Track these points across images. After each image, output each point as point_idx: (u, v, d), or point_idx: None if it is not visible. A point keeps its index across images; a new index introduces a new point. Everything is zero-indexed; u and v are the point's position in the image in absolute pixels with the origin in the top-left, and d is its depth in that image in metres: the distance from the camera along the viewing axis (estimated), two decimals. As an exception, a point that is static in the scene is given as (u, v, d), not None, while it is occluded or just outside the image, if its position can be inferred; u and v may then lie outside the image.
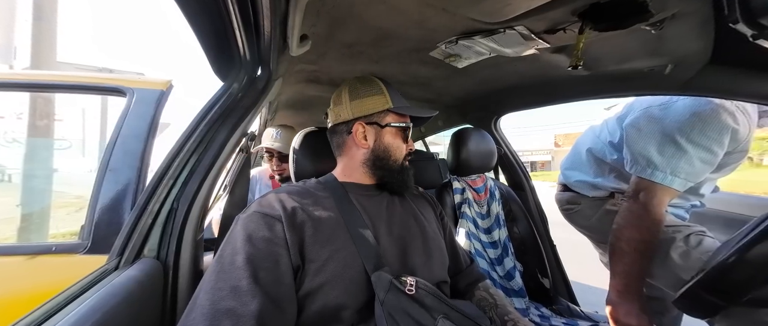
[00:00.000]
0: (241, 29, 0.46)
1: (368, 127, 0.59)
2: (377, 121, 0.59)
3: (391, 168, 0.60)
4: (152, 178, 0.55)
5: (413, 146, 0.65)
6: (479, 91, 1.15)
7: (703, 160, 0.70)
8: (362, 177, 0.61)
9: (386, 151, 0.59)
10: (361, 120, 0.59)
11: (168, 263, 0.53)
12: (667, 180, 0.70)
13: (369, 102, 0.59)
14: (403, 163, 0.62)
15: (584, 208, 1.01)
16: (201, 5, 0.42)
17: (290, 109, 1.47)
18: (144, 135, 0.72)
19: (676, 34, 0.61)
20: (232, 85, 0.62)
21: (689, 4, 0.51)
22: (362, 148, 0.60)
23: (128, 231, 0.52)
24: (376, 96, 0.59)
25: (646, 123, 0.77)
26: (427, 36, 0.69)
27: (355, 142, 0.60)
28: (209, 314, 0.37)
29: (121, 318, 0.41)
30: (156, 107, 0.74)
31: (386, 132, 0.60)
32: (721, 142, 0.69)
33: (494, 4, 0.54)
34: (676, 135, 0.70)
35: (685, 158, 0.69)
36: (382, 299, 0.43)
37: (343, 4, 0.54)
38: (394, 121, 0.60)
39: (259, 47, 0.55)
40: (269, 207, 0.48)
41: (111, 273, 0.48)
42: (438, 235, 0.62)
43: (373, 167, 0.60)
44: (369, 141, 0.59)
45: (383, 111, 0.59)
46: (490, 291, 0.63)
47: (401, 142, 0.61)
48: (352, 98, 0.60)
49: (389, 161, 0.59)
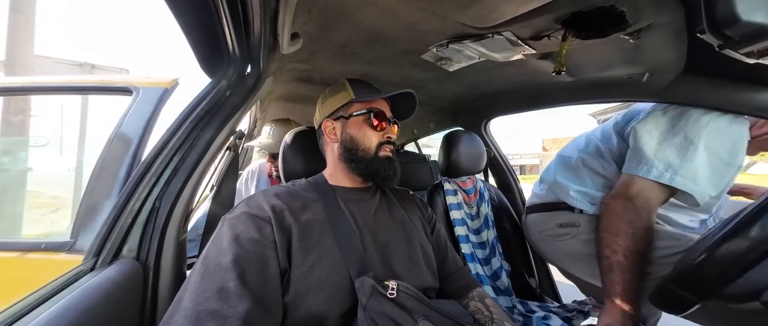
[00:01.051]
0: (230, 25, 0.46)
1: (335, 122, 0.62)
2: (342, 115, 0.61)
3: (364, 158, 0.58)
4: (133, 176, 0.53)
5: (392, 133, 0.62)
6: (469, 94, 1.18)
7: (713, 167, 0.64)
8: (346, 177, 0.61)
9: (352, 141, 0.59)
10: (329, 117, 0.62)
11: (148, 264, 0.51)
12: (665, 178, 0.64)
13: (333, 100, 0.62)
14: (377, 151, 0.59)
15: (584, 230, 0.80)
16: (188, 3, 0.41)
17: (282, 108, 1.46)
18: (141, 133, 0.70)
19: (652, 44, 0.65)
20: (220, 81, 0.61)
21: (663, 15, 0.54)
22: (334, 143, 0.62)
23: (106, 230, 0.50)
24: (341, 93, 0.61)
25: (656, 124, 0.71)
26: (418, 38, 0.71)
27: (328, 140, 0.62)
28: (192, 316, 0.36)
29: (97, 321, 0.39)
30: (156, 105, 0.72)
31: (350, 122, 0.60)
32: (735, 151, 0.64)
33: (482, 10, 0.56)
34: (691, 137, 0.65)
35: (696, 159, 0.63)
36: (365, 304, 0.43)
37: (335, 4, 0.55)
38: (357, 109, 0.60)
39: (249, 44, 0.54)
40: (258, 208, 0.47)
41: (86, 274, 0.46)
42: (425, 241, 0.62)
43: (347, 161, 0.59)
44: (337, 134, 0.61)
45: (346, 103, 0.60)
46: (486, 302, 0.58)
47: (368, 128, 0.59)
48: (322, 102, 0.64)
49: (358, 151, 0.58)
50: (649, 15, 0.54)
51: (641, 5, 0.52)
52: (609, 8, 0.54)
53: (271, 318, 0.41)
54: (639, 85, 0.85)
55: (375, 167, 0.58)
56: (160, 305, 0.51)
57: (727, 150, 0.65)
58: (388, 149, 0.61)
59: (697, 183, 0.64)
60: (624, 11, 0.54)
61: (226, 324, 0.36)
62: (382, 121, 0.60)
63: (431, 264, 0.59)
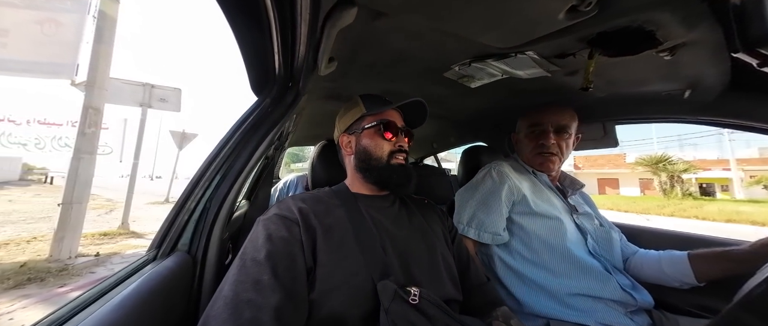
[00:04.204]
0: (280, 53, 0.54)
1: (350, 136, 0.68)
2: (355, 129, 0.67)
3: (377, 167, 0.63)
4: (191, 179, 0.62)
5: (404, 142, 0.66)
6: (492, 109, 1.18)
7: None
8: (363, 186, 0.65)
9: (365, 152, 0.64)
10: (345, 132, 0.68)
11: (197, 257, 0.57)
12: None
13: (348, 116, 0.68)
14: (390, 159, 0.63)
15: None
16: (250, 34, 0.50)
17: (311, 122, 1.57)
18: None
19: (690, 61, 0.62)
20: (265, 99, 0.70)
21: (696, 33, 0.53)
22: (350, 156, 0.67)
23: (167, 225, 0.58)
24: (353, 109, 0.67)
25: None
26: (441, 58, 0.75)
27: (345, 154, 0.68)
28: (232, 304, 0.40)
29: (155, 304, 0.45)
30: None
31: (363, 135, 0.65)
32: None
33: (504, 33, 0.58)
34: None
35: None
36: (387, 307, 0.43)
37: (366, 31, 0.61)
38: (369, 122, 0.65)
39: (293, 67, 0.62)
40: (288, 210, 0.52)
41: (150, 263, 0.53)
42: (446, 251, 0.62)
43: (363, 171, 0.64)
44: (352, 147, 0.66)
45: (358, 118, 0.66)
46: (511, 323, 0.54)
47: (380, 138, 0.64)
48: (339, 119, 0.71)
49: (372, 160, 0.63)
50: (681, 34, 0.53)
51: (670, 25, 0.51)
52: (636, 28, 0.54)
53: (298, 312, 0.43)
54: (681, 103, 0.80)
55: (388, 174, 0.62)
56: (204, 293, 0.56)
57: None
58: (401, 157, 0.65)
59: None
60: (653, 31, 0.53)
61: (260, 313, 0.39)
62: (392, 131, 0.64)
63: (453, 274, 0.59)
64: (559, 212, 0.80)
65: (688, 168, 16.38)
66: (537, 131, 0.89)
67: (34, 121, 7.32)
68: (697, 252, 0.74)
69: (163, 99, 4.88)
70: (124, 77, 4.55)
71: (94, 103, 3.60)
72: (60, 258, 3.27)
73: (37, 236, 4.28)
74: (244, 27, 0.47)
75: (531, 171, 0.91)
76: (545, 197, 0.84)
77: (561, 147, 0.87)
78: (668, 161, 16.42)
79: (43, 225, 5.16)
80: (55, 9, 4.15)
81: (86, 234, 4.03)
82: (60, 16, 4.14)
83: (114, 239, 4.34)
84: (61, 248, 3.31)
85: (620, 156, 23.21)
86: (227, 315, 0.39)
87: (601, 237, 0.82)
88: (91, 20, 3.86)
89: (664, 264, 0.78)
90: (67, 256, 3.31)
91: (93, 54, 3.64)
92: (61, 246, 3.32)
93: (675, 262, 0.76)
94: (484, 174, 0.89)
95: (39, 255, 3.38)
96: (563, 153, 0.87)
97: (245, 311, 0.39)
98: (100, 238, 4.33)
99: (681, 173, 16.20)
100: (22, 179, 19.12)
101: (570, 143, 0.89)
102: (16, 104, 13.15)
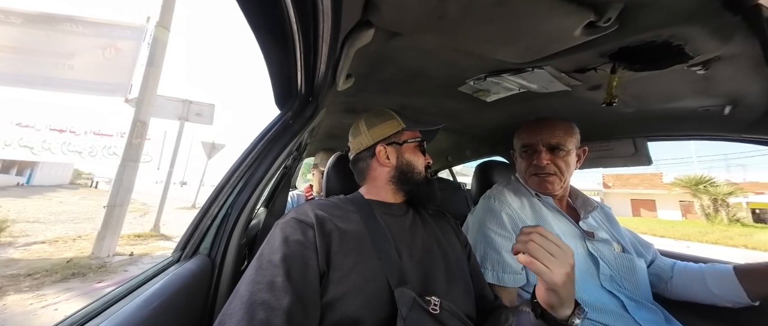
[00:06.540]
0: (303, 71, 0.58)
1: (389, 147, 0.67)
2: (395, 141, 0.67)
3: (417, 181, 0.65)
4: (216, 186, 0.67)
5: (430, 159, 0.70)
6: (510, 123, 1.15)
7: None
8: (388, 195, 0.65)
9: (409, 165, 0.66)
10: (382, 142, 0.67)
11: (216, 261, 0.60)
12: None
13: (385, 127, 0.67)
14: (426, 174, 0.67)
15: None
16: (276, 54, 0.55)
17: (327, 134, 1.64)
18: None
19: (726, 76, 0.58)
20: (286, 113, 0.75)
21: (731, 47, 0.49)
22: (386, 167, 0.66)
23: (191, 229, 0.62)
24: (391, 121, 0.68)
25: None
26: (455, 74, 0.76)
27: (380, 163, 0.66)
28: (247, 304, 0.41)
29: (177, 302, 0.48)
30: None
31: (405, 148, 0.67)
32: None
33: (518, 49, 0.59)
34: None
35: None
36: (405, 315, 0.42)
37: (382, 49, 0.64)
38: (410, 137, 0.67)
39: (313, 84, 0.67)
40: (304, 215, 0.54)
41: (174, 264, 0.57)
42: (462, 263, 0.60)
43: (399, 182, 0.64)
44: (392, 159, 0.66)
45: (399, 131, 0.67)
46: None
47: (420, 154, 0.68)
48: (370, 127, 0.68)
49: (414, 174, 0.65)
50: (713, 47, 0.50)
51: (700, 39, 0.49)
52: (662, 43, 0.52)
53: (309, 318, 0.43)
54: (721, 119, 0.74)
55: (425, 189, 0.66)
56: (220, 295, 0.58)
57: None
58: (429, 174, 0.68)
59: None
60: (680, 45, 0.51)
61: (273, 315, 0.40)
62: (425, 150, 0.69)
63: (468, 287, 0.57)
64: (562, 238, 0.72)
65: (734, 191, 14.50)
66: (529, 151, 0.83)
67: (90, 132, 8.35)
68: (744, 266, 0.65)
69: (198, 113, 5.35)
70: (165, 94, 5.08)
71: (141, 117, 4.04)
72: (100, 255, 3.56)
73: (82, 235, 4.71)
74: (272, 47, 0.52)
75: (533, 193, 0.83)
76: (546, 223, 0.76)
77: (559, 166, 0.78)
78: (709, 182, 14.68)
79: (87, 225, 5.68)
80: (117, 36, 4.83)
81: (123, 235, 4.37)
82: (119, 42, 4.81)
83: (146, 241, 4.66)
84: (101, 247, 3.62)
85: (656, 175, 21.19)
86: (242, 314, 0.40)
87: (622, 265, 0.72)
88: (145, 46, 4.42)
89: (709, 280, 0.69)
90: (106, 254, 3.60)
91: (145, 75, 4.14)
92: (101, 245, 3.62)
93: (721, 277, 0.68)
94: (483, 207, 0.82)
95: (82, 252, 3.70)
96: (563, 171, 0.79)
97: (259, 312, 0.40)
98: (135, 239, 4.67)
99: (726, 196, 14.37)
100: (71, 183, 21.34)
101: (570, 160, 0.80)
102: (77, 118, 15.12)
